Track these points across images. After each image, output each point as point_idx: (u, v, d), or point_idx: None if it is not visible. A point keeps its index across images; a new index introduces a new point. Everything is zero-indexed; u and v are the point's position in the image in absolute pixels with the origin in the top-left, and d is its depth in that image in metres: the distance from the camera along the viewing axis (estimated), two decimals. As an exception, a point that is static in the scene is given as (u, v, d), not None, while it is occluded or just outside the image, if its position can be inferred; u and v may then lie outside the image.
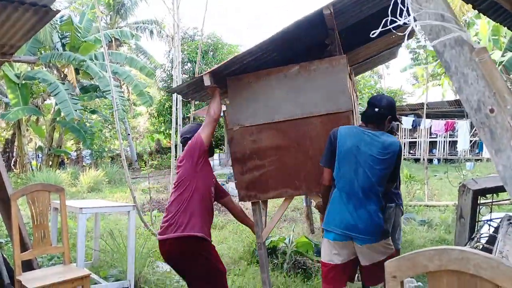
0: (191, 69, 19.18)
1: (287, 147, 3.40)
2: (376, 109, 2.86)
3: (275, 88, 3.41)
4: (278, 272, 4.58)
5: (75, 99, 13.73)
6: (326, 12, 3.08)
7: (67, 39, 14.94)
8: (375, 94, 19.02)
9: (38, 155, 18.72)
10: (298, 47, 3.82)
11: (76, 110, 12.91)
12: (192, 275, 2.99)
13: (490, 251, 2.21)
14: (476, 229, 2.95)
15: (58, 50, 14.46)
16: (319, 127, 3.30)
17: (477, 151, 16.81)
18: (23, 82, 13.70)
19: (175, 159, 5.72)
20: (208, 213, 3.11)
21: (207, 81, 3.17)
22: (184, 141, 3.20)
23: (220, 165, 17.70)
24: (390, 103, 2.92)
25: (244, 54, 3.22)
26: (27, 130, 17.05)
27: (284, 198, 3.59)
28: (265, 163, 3.45)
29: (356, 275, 3.36)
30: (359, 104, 11.13)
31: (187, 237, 2.88)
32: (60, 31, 14.83)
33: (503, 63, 9.69)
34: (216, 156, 17.85)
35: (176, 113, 5.61)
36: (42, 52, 14.46)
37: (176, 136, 5.65)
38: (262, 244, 3.65)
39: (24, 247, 3.51)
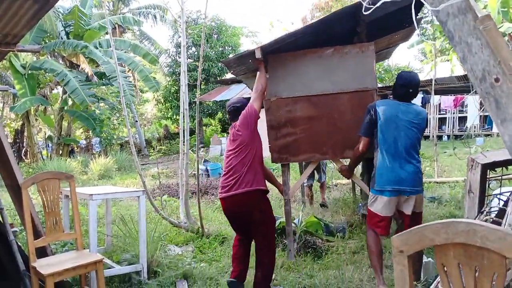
0: (196, 53, 19.07)
1: (318, 117, 4.01)
2: (411, 90, 3.41)
3: (310, 67, 4.00)
4: (288, 252, 4.62)
5: (85, 85, 13.76)
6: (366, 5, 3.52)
7: (71, 27, 14.91)
8: (381, 71, 18.81)
9: (48, 144, 18.90)
10: (328, 32, 4.30)
11: (89, 96, 12.97)
12: (255, 222, 3.51)
13: (499, 224, 2.20)
14: (485, 203, 2.93)
15: (62, 39, 14.44)
16: (347, 102, 3.94)
17: (486, 126, 16.61)
18: (30, 72, 13.74)
19: (183, 144, 5.73)
20: (264, 170, 3.72)
21: (258, 54, 3.74)
22: (233, 110, 3.70)
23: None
24: (418, 82, 3.46)
25: (286, 36, 3.82)
26: (36, 120, 17.19)
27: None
28: (297, 130, 4.04)
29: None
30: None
31: (255, 190, 3.46)
32: (64, 21, 14.79)
33: (510, 33, 9.48)
34: (223, 140, 17.85)
35: (183, 98, 5.59)
36: (46, 41, 14.45)
37: (184, 122, 5.65)
38: (288, 200, 4.24)
39: (37, 235, 3.56)
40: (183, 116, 5.66)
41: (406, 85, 3.40)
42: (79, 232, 3.61)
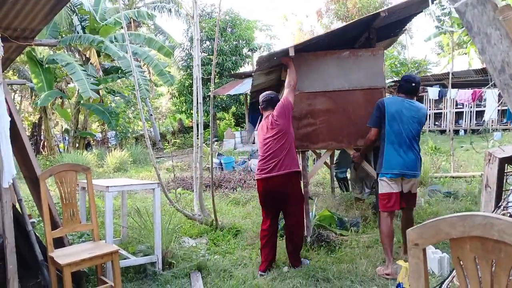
0: (210, 47, 19.08)
1: (335, 111, 4.59)
2: (413, 84, 4.06)
3: (329, 66, 4.59)
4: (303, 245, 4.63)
5: (94, 78, 13.86)
6: (382, 15, 4.31)
7: (87, 21, 15.03)
8: (397, 64, 18.59)
9: (65, 137, 19.18)
10: (343, 36, 5.03)
11: (92, 90, 13.06)
12: (291, 199, 4.06)
13: (517, 219, 2.16)
14: (503, 198, 2.89)
15: (78, 33, 14.58)
16: (360, 98, 4.58)
17: (504, 120, 16.29)
18: (46, 66, 13.92)
19: (197, 138, 5.77)
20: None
21: (292, 52, 4.24)
22: (268, 100, 4.22)
23: (242, 142, 17.61)
24: (419, 80, 4.18)
25: (315, 38, 4.54)
26: (53, 113, 17.44)
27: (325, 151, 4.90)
28: (316, 121, 4.58)
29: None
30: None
31: (293, 172, 4.02)
32: (79, 15, 14.93)
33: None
34: (237, 133, 17.86)
35: (197, 92, 5.61)
36: (63, 36, 14.61)
37: (198, 115, 5.67)
38: (307, 182, 4.79)
39: (54, 225, 3.63)
40: (197, 110, 5.68)
41: (411, 81, 4.08)
42: (96, 223, 3.67)
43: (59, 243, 3.68)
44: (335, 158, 7.11)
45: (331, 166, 7.13)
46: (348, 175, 7.15)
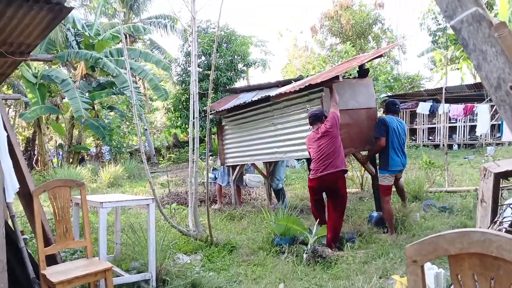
0: (205, 62, 19.17)
1: (351, 124, 5.75)
2: (397, 106, 5.90)
3: (346, 89, 5.81)
4: (298, 261, 4.59)
5: (88, 92, 13.85)
6: (340, 79, 5.38)
7: (81, 37, 15.10)
8: (391, 79, 18.77)
9: (59, 152, 19.07)
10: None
11: (85, 109, 13.06)
12: (338, 193, 5.10)
13: (513, 234, 2.15)
14: (498, 213, 2.88)
15: (73, 49, 14.63)
16: (364, 114, 5.94)
17: (498, 135, 16.40)
18: (41, 81, 13.92)
19: (193, 153, 5.75)
20: None
21: (341, 78, 5.31)
22: (315, 116, 5.27)
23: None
24: (399, 103, 6.08)
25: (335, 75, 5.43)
26: (47, 128, 17.39)
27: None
28: (341, 132, 5.34)
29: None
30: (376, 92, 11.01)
31: (341, 170, 5.08)
32: (74, 29, 15.00)
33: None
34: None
35: (193, 107, 5.61)
36: (58, 51, 14.66)
37: (194, 130, 5.67)
38: None
39: (47, 242, 3.58)
40: (193, 125, 5.68)
41: (395, 104, 5.92)
42: (89, 239, 3.62)
43: (52, 260, 3.63)
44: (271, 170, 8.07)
45: (268, 177, 8.17)
46: (280, 185, 8.14)
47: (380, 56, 9.15)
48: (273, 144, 7.01)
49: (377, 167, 5.92)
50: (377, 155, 5.95)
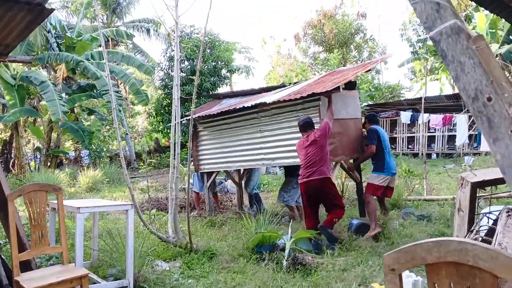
0: (189, 67, 19.10)
1: (343, 133, 6.11)
2: (378, 118, 6.57)
3: (337, 100, 6.00)
4: (278, 268, 4.58)
5: (67, 95, 13.62)
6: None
7: (62, 39, 14.88)
8: (372, 89, 19.08)
9: (36, 156, 18.67)
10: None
11: (63, 112, 12.84)
12: (328, 197, 5.43)
13: (489, 243, 2.19)
14: (475, 222, 2.93)
15: (54, 50, 14.39)
16: (352, 125, 6.34)
17: (475, 145, 16.77)
18: (19, 83, 13.64)
19: (174, 158, 5.70)
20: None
21: (341, 89, 5.75)
22: (306, 123, 5.56)
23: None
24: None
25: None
26: (25, 131, 17.00)
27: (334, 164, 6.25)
28: (334, 141, 5.84)
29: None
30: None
31: (326, 177, 5.34)
32: (54, 30, 14.77)
33: (500, 53, 9.67)
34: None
35: (175, 112, 5.57)
36: (39, 53, 14.41)
37: (175, 135, 5.62)
38: None
39: (22, 248, 3.49)
40: (175, 130, 5.63)
41: (376, 116, 6.60)
42: (65, 246, 3.54)
43: (26, 266, 3.53)
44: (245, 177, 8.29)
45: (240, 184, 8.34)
46: (256, 191, 8.33)
47: (369, 70, 9.38)
48: (260, 150, 6.98)
49: (373, 169, 6.29)
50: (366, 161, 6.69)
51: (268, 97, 6.84)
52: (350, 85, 6.49)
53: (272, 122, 6.73)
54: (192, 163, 8.02)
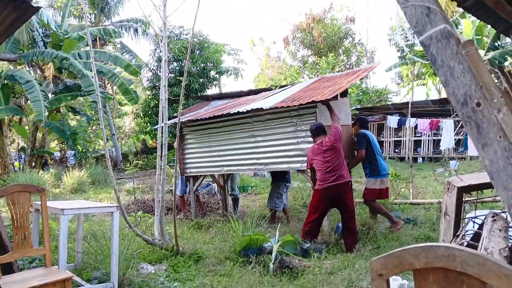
0: (177, 68, 19.02)
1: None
2: (367, 122, 6.90)
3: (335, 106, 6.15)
4: (265, 272, 4.56)
5: (47, 100, 13.46)
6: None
7: (50, 37, 14.69)
8: (359, 93, 19.20)
9: (21, 156, 18.40)
10: None
11: (48, 111, 12.69)
12: (347, 201, 5.43)
13: (475, 248, 2.20)
14: (461, 226, 2.95)
15: (39, 48, 14.19)
16: (345, 131, 6.23)
17: (461, 149, 16.98)
18: (5, 82, 13.42)
19: (161, 159, 5.64)
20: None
21: (338, 97, 5.89)
22: (319, 128, 5.62)
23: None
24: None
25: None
26: (10, 130, 16.74)
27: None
28: None
29: None
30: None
31: (348, 181, 5.48)
32: (42, 28, 14.58)
33: (488, 59, 9.82)
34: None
35: (162, 113, 5.52)
36: (24, 51, 14.20)
37: (162, 136, 5.57)
38: None
39: (4, 250, 3.42)
40: (162, 131, 5.58)
41: (366, 120, 6.93)
42: (48, 248, 3.48)
43: (8, 268, 3.46)
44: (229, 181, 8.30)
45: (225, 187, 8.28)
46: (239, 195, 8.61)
47: (361, 78, 9.66)
48: (252, 155, 6.92)
49: (368, 174, 6.46)
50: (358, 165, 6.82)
51: (264, 103, 6.74)
52: (343, 92, 6.52)
53: (265, 127, 6.66)
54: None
